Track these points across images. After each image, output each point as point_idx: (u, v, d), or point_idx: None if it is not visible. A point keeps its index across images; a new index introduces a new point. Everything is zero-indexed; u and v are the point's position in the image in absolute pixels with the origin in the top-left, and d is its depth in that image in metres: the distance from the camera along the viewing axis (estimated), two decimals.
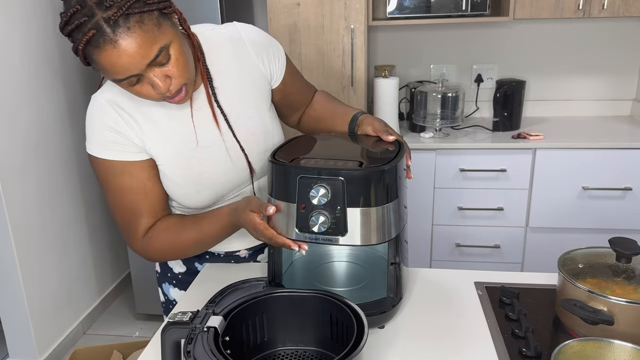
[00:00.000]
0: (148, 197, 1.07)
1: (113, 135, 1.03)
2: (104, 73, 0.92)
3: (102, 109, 1.04)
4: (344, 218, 0.91)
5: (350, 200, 0.91)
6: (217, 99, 1.09)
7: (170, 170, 1.08)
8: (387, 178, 0.93)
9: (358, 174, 0.91)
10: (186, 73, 0.96)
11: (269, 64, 1.16)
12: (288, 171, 0.94)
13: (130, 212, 1.07)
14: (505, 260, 2.50)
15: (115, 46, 0.87)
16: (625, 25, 2.61)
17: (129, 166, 1.05)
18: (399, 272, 1.01)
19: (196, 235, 1.08)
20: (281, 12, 2.30)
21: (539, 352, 0.90)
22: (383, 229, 0.94)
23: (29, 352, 2.34)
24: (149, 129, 1.06)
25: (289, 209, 0.95)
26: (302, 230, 0.94)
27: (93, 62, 0.91)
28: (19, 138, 2.21)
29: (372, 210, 0.92)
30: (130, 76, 0.91)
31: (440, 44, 2.75)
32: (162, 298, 1.34)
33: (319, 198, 0.91)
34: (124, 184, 1.06)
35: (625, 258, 0.97)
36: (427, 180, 2.42)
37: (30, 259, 2.28)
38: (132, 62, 0.89)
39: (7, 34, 2.14)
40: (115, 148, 1.04)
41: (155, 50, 0.90)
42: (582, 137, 2.36)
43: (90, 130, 1.05)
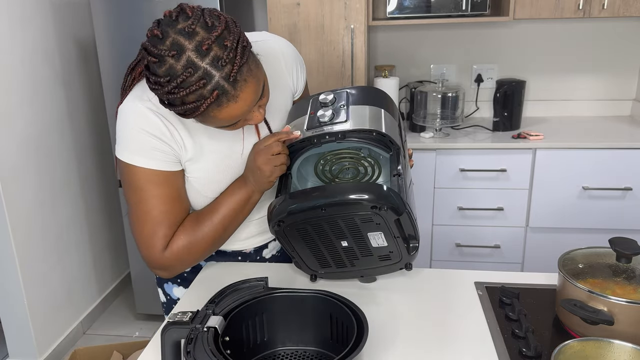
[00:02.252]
0: (177, 207, 1.06)
1: (158, 144, 1.01)
2: (215, 123, 0.94)
3: (146, 117, 1.01)
4: (347, 110, 1.04)
5: (352, 101, 1.07)
6: None
7: (201, 183, 1.09)
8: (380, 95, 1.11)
9: (361, 87, 1.12)
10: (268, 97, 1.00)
11: (296, 79, 1.20)
12: (304, 101, 1.14)
13: (155, 223, 1.04)
14: (505, 260, 2.50)
15: (237, 100, 0.90)
16: (625, 25, 2.61)
17: (168, 176, 1.04)
18: (402, 182, 0.98)
19: (218, 219, 1.07)
20: (281, 12, 2.30)
21: (539, 352, 0.90)
22: (379, 123, 1.03)
23: (29, 352, 2.34)
24: (190, 141, 1.05)
25: (299, 122, 1.08)
26: (310, 126, 1.04)
27: (206, 119, 0.92)
28: (19, 138, 2.21)
29: (371, 109, 1.05)
30: (238, 120, 0.95)
31: (440, 44, 2.75)
32: (163, 298, 1.33)
33: (326, 96, 1.07)
34: (158, 193, 1.03)
35: (625, 258, 0.97)
36: (427, 180, 2.42)
37: (30, 259, 2.28)
38: (246, 109, 0.93)
39: (7, 34, 2.13)
40: (159, 157, 1.02)
41: (261, 88, 0.94)
42: (582, 137, 2.36)
43: (128, 137, 1.02)
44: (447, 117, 2.47)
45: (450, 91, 2.47)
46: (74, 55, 2.60)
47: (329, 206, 0.92)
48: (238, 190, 1.08)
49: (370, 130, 1.00)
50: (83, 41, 2.67)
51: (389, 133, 1.01)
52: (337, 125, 1.01)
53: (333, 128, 1.01)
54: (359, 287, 1.13)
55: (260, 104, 0.97)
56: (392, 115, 1.09)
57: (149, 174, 1.02)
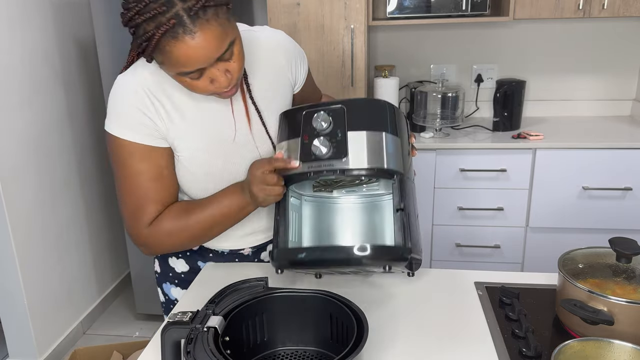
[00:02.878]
0: (162, 185, 1.07)
1: (142, 118, 1.03)
2: (171, 66, 0.92)
3: (135, 92, 1.03)
4: (344, 142, 0.96)
5: (350, 125, 0.97)
6: (252, 95, 1.11)
7: (192, 163, 1.09)
8: (385, 108, 1.01)
9: (358, 101, 1.00)
10: (243, 68, 0.99)
11: (295, 71, 1.20)
12: (293, 112, 1.04)
13: (141, 198, 1.06)
14: (505, 260, 2.50)
15: (194, 37, 0.88)
16: (625, 25, 2.61)
17: (151, 151, 1.05)
18: (407, 219, 0.97)
19: (206, 217, 1.07)
20: (281, 12, 2.30)
21: (539, 352, 0.90)
22: (380, 155, 0.97)
23: (29, 352, 2.34)
24: (177, 119, 1.06)
25: (293, 146, 1.01)
26: (305, 159, 0.97)
27: (163, 54, 0.90)
28: (19, 138, 2.21)
29: (371, 135, 0.97)
30: (197, 69, 0.92)
31: (440, 44, 2.75)
32: (162, 298, 1.33)
33: (321, 122, 0.97)
34: (142, 168, 1.05)
35: (625, 258, 0.97)
36: (427, 180, 2.42)
37: (30, 259, 2.28)
38: (205, 54, 0.90)
39: (7, 34, 2.13)
40: (143, 131, 1.04)
41: (226, 44, 0.92)
42: (582, 137, 2.36)
43: (116, 110, 1.04)
44: (447, 117, 2.47)
45: (450, 91, 2.47)
46: (74, 55, 2.60)
47: (333, 262, 0.94)
48: (234, 195, 1.07)
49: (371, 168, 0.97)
50: (83, 41, 2.67)
51: (391, 163, 0.98)
52: (335, 161, 0.97)
53: (331, 164, 0.97)
54: (359, 287, 1.13)
55: (229, 68, 0.96)
56: (395, 131, 1.02)
57: (134, 148, 1.04)
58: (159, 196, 1.07)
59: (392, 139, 1.00)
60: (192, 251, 1.26)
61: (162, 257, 1.30)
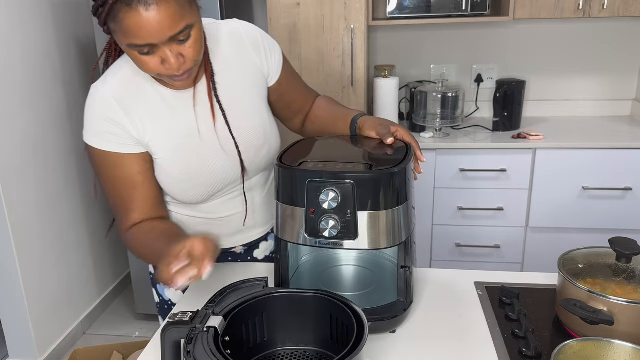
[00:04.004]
0: (137, 192, 1.08)
1: (111, 127, 1.04)
2: (122, 35, 0.90)
3: (104, 100, 1.04)
4: (355, 222, 0.90)
5: (361, 203, 0.90)
6: (217, 94, 1.10)
7: (168, 164, 1.09)
8: (397, 181, 0.92)
9: (368, 177, 0.90)
10: (198, 57, 0.97)
11: (266, 60, 1.17)
12: (296, 175, 0.93)
13: (119, 205, 1.09)
14: (505, 260, 2.50)
15: (148, 9, 0.87)
16: (625, 25, 2.61)
17: (122, 158, 1.06)
18: (410, 275, 1.00)
19: (154, 251, 1.00)
20: (281, 12, 2.30)
21: (539, 352, 0.90)
22: (393, 233, 0.93)
23: (29, 352, 2.34)
24: (149, 122, 1.06)
25: (297, 213, 0.93)
26: (311, 235, 0.93)
27: (115, 22, 0.89)
28: (19, 138, 2.21)
29: (382, 214, 0.91)
30: (148, 44, 0.90)
31: (440, 44, 2.75)
32: (157, 299, 1.33)
33: (329, 202, 0.90)
34: (115, 175, 1.07)
35: (625, 258, 0.97)
36: (427, 180, 2.42)
37: (30, 259, 2.28)
38: (158, 29, 0.89)
39: (7, 34, 2.13)
40: (112, 140, 1.05)
41: (182, 25, 0.91)
42: (582, 137, 2.36)
43: (89, 120, 1.06)
44: (447, 117, 2.47)
45: (450, 91, 2.47)
46: (74, 55, 2.60)
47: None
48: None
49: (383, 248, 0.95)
50: (83, 41, 2.67)
51: (402, 236, 0.95)
52: (345, 241, 0.92)
53: (340, 244, 0.92)
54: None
55: (183, 52, 0.94)
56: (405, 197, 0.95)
57: (106, 156, 1.05)
58: (136, 204, 1.08)
59: (403, 209, 0.94)
60: None
61: None
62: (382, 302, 1.01)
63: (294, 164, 0.95)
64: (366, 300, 1.04)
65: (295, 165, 0.94)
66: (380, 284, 1.09)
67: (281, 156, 1.00)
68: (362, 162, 0.97)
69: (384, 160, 1.00)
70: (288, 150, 1.05)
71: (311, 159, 0.98)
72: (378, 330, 0.97)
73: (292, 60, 2.35)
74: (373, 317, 0.95)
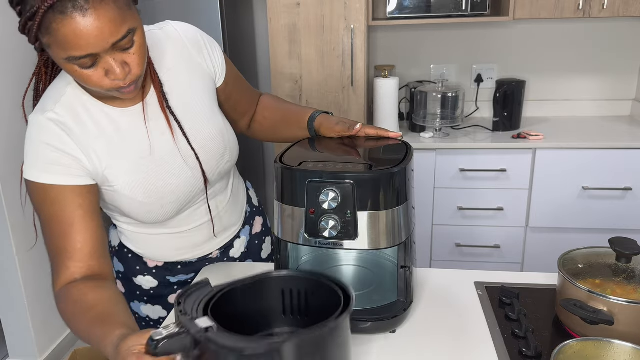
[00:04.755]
0: (78, 231, 0.94)
1: (58, 156, 0.93)
2: (59, 48, 0.81)
3: (46, 128, 0.93)
4: (355, 222, 0.90)
5: (360, 203, 0.90)
6: (169, 104, 1.03)
7: (130, 189, 1.00)
8: (397, 181, 0.92)
9: (368, 177, 0.90)
10: (144, 64, 0.90)
11: (210, 60, 1.11)
12: (296, 175, 0.92)
13: (60, 248, 0.95)
14: (505, 260, 2.50)
15: (85, 15, 0.78)
16: (625, 25, 2.61)
17: (64, 192, 0.94)
18: (409, 275, 1.00)
19: (84, 329, 0.87)
20: (281, 12, 2.30)
21: (539, 352, 0.90)
22: (393, 233, 0.93)
23: (29, 352, 2.34)
24: (102, 148, 0.97)
25: (297, 213, 0.93)
26: (311, 235, 0.92)
27: (49, 34, 0.80)
28: (19, 138, 2.21)
29: (382, 214, 0.91)
30: (89, 55, 0.81)
31: (440, 44, 2.75)
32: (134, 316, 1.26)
33: (329, 202, 0.90)
34: (54, 213, 0.94)
35: (625, 258, 0.97)
36: (427, 180, 2.42)
37: (30, 259, 2.28)
38: (99, 36, 0.80)
39: (7, 34, 2.13)
40: (58, 171, 0.93)
41: (124, 30, 0.82)
42: (582, 137, 2.36)
43: (31, 153, 0.94)
44: (447, 117, 2.47)
45: (450, 91, 2.47)
46: None
47: None
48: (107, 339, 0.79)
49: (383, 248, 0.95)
50: None
51: (402, 236, 0.95)
52: (345, 241, 0.92)
53: (340, 244, 0.92)
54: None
55: (127, 60, 0.86)
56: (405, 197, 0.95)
57: (43, 190, 0.93)
58: (72, 245, 0.94)
59: (403, 209, 0.94)
60: (158, 267, 1.20)
61: (124, 277, 1.22)
62: (382, 302, 1.01)
63: (294, 164, 0.95)
64: (366, 300, 1.04)
65: (295, 166, 0.94)
66: (380, 284, 1.09)
67: (281, 156, 1.00)
68: (362, 162, 0.98)
69: (383, 160, 1.00)
70: (288, 150, 1.04)
71: (311, 159, 0.98)
72: (378, 330, 0.98)
73: (292, 60, 2.36)
74: (373, 317, 0.95)
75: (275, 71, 2.38)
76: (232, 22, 2.55)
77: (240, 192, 1.29)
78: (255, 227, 1.34)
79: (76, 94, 0.96)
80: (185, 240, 1.17)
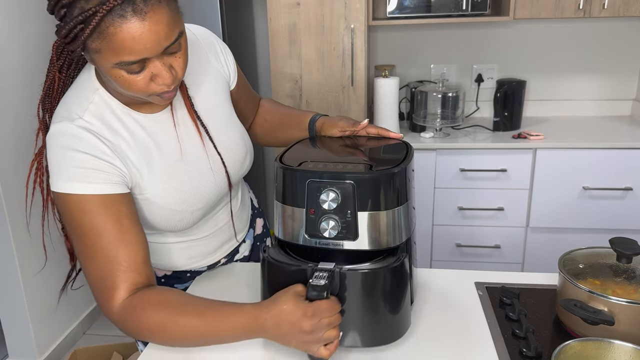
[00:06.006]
0: (127, 241, 0.89)
1: (96, 162, 0.89)
2: (111, 53, 0.79)
3: (79, 136, 0.89)
4: (355, 222, 0.90)
5: (361, 204, 0.90)
6: (196, 109, 1.02)
7: (164, 197, 0.98)
8: (397, 181, 0.92)
9: (368, 177, 0.89)
10: (186, 68, 0.89)
11: (225, 63, 1.12)
12: (296, 175, 0.92)
13: (109, 262, 0.88)
14: (506, 260, 2.50)
15: (144, 19, 0.77)
16: (625, 25, 2.61)
17: (108, 201, 0.89)
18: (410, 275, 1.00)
19: (199, 326, 0.86)
20: (281, 12, 2.30)
21: (539, 352, 0.90)
22: (393, 233, 0.93)
23: (29, 352, 2.34)
24: (136, 156, 0.95)
25: (297, 213, 0.93)
26: (311, 235, 0.92)
27: (102, 39, 0.77)
28: (19, 138, 2.21)
29: (382, 214, 0.91)
30: (142, 59, 0.80)
31: (440, 44, 2.75)
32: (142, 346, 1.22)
33: (329, 202, 0.90)
34: (100, 223, 0.88)
35: (625, 258, 0.96)
36: (427, 180, 2.42)
37: (30, 259, 2.28)
38: (155, 41, 0.79)
39: (7, 34, 2.13)
40: (96, 179, 0.88)
41: (176, 33, 0.82)
42: (582, 137, 2.36)
43: (59, 163, 0.89)
44: (448, 117, 2.47)
45: (451, 91, 2.47)
46: None
47: None
48: (249, 312, 0.86)
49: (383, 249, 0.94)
50: None
51: (403, 236, 0.95)
52: (345, 242, 0.91)
53: (341, 244, 0.92)
54: None
55: (174, 64, 0.85)
56: (405, 197, 0.95)
57: (83, 201, 0.88)
58: (129, 258, 0.89)
59: (403, 210, 0.94)
60: (167, 276, 1.19)
61: None
62: None
63: (294, 164, 0.95)
64: None
65: (295, 166, 0.94)
66: None
67: (281, 156, 1.00)
68: (362, 162, 0.97)
69: (384, 160, 0.99)
70: (288, 151, 1.04)
71: (311, 159, 0.98)
72: None
73: (292, 60, 2.35)
74: None
75: (275, 71, 2.38)
76: (232, 22, 2.55)
77: (246, 195, 1.30)
78: (257, 229, 1.35)
79: (104, 101, 0.94)
80: (201, 246, 1.16)
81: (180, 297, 0.90)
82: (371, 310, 0.91)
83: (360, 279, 0.88)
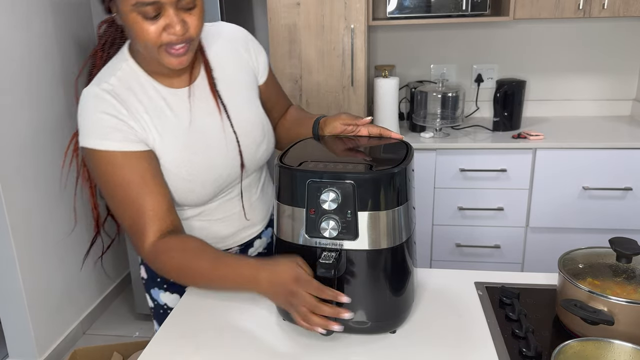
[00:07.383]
0: (151, 191, 1.00)
1: (115, 122, 1.00)
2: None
3: (101, 98, 1.01)
4: (355, 222, 0.91)
5: (361, 204, 0.90)
6: (217, 88, 1.11)
7: (175, 165, 1.06)
8: (397, 181, 0.92)
9: (368, 177, 0.90)
10: (200, 29, 0.98)
11: (255, 58, 1.21)
12: (296, 175, 0.93)
13: (137, 210, 1.00)
14: (506, 260, 2.50)
15: None
16: (625, 25, 2.61)
17: (130, 157, 1.00)
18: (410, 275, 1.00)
19: (209, 270, 0.97)
20: (281, 12, 2.30)
21: (539, 352, 0.90)
22: (393, 233, 0.93)
23: (29, 352, 2.34)
24: (152, 121, 1.04)
25: (297, 213, 0.93)
26: (311, 235, 0.93)
27: None
28: (19, 138, 2.21)
29: (383, 214, 0.91)
30: (156, 2, 0.90)
31: (440, 44, 2.75)
32: (151, 304, 1.30)
33: (329, 202, 0.90)
34: (125, 177, 0.99)
35: (625, 258, 0.97)
36: (427, 180, 2.42)
37: (30, 258, 2.28)
38: None
39: (7, 34, 2.13)
40: (116, 137, 0.99)
41: None
42: (582, 137, 2.36)
43: (86, 122, 1.01)
44: (447, 117, 2.47)
45: (451, 91, 2.47)
46: (74, 55, 2.60)
47: None
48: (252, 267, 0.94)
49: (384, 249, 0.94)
50: (83, 41, 2.67)
51: (403, 236, 0.95)
52: (344, 242, 0.92)
53: (342, 244, 0.92)
54: None
55: (187, 19, 0.95)
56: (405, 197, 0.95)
57: (113, 157, 0.99)
58: (153, 206, 1.00)
59: (403, 210, 0.94)
60: None
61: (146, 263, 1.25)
62: None
63: (294, 164, 0.95)
64: None
65: (295, 166, 0.94)
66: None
67: (281, 156, 1.00)
68: (363, 162, 0.97)
69: (384, 160, 0.99)
70: (288, 151, 1.04)
71: (311, 159, 0.98)
72: (378, 330, 0.97)
73: (292, 60, 2.36)
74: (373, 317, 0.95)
75: (275, 71, 2.38)
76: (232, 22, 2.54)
77: (269, 191, 1.33)
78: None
79: (132, 69, 1.05)
80: (211, 230, 1.20)
81: (197, 245, 1.00)
82: (375, 288, 0.94)
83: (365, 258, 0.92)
